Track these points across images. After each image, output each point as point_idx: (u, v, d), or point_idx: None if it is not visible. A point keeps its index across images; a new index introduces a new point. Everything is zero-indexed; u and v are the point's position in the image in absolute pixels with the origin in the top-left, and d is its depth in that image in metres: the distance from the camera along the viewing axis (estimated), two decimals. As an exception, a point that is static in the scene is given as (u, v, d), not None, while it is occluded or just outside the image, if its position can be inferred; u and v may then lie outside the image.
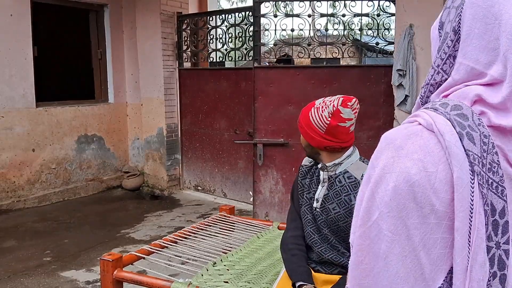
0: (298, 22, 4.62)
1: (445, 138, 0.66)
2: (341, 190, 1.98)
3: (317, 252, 2.05)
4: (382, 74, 4.67)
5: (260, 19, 4.96)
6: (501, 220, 0.66)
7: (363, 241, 0.70)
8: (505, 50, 0.68)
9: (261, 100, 4.92)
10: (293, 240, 2.12)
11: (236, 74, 5.74)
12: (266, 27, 4.98)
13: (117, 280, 2.27)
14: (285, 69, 5.07)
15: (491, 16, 0.70)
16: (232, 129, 5.83)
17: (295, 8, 4.66)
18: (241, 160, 5.83)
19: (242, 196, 5.87)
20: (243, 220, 3.17)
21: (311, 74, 4.86)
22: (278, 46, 5.11)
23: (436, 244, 0.66)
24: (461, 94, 0.72)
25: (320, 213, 2.03)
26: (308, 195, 2.10)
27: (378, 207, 0.68)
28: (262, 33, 4.95)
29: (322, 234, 2.04)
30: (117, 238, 4.68)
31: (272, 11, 4.88)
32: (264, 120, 4.92)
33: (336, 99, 1.98)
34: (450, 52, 0.75)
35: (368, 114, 4.75)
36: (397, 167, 0.67)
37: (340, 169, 2.00)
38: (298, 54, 5.02)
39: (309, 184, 2.12)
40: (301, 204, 2.14)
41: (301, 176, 2.18)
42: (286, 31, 4.94)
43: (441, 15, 0.81)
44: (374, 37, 4.78)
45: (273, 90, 4.89)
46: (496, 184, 0.66)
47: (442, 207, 0.65)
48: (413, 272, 0.66)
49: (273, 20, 4.86)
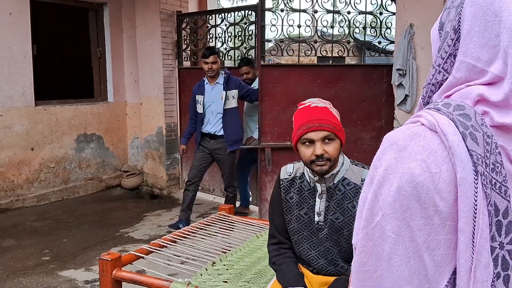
0: (303, 19, 4.62)
1: (448, 138, 0.66)
2: (342, 198, 1.92)
3: (314, 267, 2.02)
4: (383, 73, 4.66)
5: (265, 13, 4.69)
6: (505, 220, 0.65)
7: (366, 243, 0.70)
8: (505, 46, 0.67)
9: (267, 101, 4.66)
10: (276, 253, 2.06)
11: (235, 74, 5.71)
12: (273, 23, 4.80)
13: (116, 279, 2.26)
14: (291, 67, 4.99)
15: (491, 13, 0.69)
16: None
17: (301, 4, 4.63)
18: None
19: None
20: (243, 219, 3.17)
21: (317, 73, 4.74)
22: (285, 43, 4.94)
23: (440, 245, 0.65)
24: (463, 94, 0.72)
25: (323, 226, 1.97)
26: (301, 211, 2.00)
27: (382, 208, 0.67)
28: (268, 29, 4.78)
29: (321, 249, 1.98)
30: (116, 238, 4.68)
31: (277, 7, 4.87)
32: (270, 123, 4.69)
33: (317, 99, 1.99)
34: (451, 51, 0.75)
35: (371, 114, 4.73)
36: (400, 168, 0.67)
37: (338, 178, 1.94)
38: (305, 52, 4.95)
39: (299, 200, 2.00)
40: (289, 221, 2.03)
41: (284, 191, 2.05)
42: (293, 26, 4.79)
43: (441, 16, 0.81)
44: (376, 36, 4.78)
45: (279, 90, 4.67)
46: (499, 184, 0.65)
47: (446, 208, 0.65)
48: (417, 273, 0.66)
49: (280, 15, 4.70)
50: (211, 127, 4.79)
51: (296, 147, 1.95)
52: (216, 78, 4.74)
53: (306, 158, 1.88)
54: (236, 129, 4.83)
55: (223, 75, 4.76)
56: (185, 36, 6.27)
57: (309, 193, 1.99)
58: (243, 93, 4.79)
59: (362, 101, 4.71)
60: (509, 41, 0.67)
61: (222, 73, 4.77)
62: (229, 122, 4.75)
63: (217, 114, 4.75)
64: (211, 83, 4.78)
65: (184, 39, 6.28)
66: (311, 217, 1.98)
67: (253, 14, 5.32)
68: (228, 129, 4.74)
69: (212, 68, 4.64)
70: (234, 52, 5.81)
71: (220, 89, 4.73)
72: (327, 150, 1.85)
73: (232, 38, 5.85)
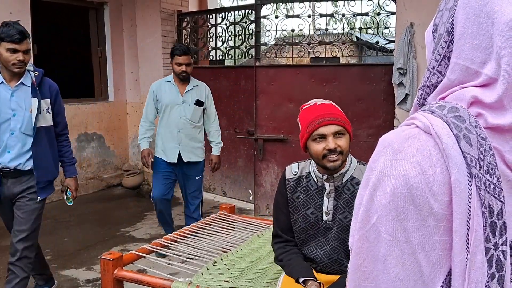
0: (298, 22, 4.78)
1: (442, 140, 0.66)
2: (351, 197, 1.93)
3: (318, 264, 2.03)
4: (382, 72, 4.67)
5: (260, 20, 5.17)
6: (499, 222, 0.66)
7: (362, 244, 0.70)
8: (498, 48, 0.68)
9: (262, 98, 5.16)
10: (282, 250, 2.06)
11: (236, 73, 5.74)
12: (267, 28, 5.10)
13: (118, 279, 2.27)
14: (285, 68, 5.19)
15: (484, 15, 0.70)
16: (232, 127, 5.83)
17: (295, 8, 4.79)
18: (241, 158, 5.84)
19: (241, 194, 5.88)
20: (243, 219, 3.17)
21: (311, 72, 5.00)
22: (279, 45, 5.20)
23: (435, 246, 0.66)
24: (457, 96, 0.72)
25: (332, 226, 1.97)
26: (308, 210, 1.99)
27: (377, 210, 0.68)
28: (263, 34, 5.13)
29: (327, 248, 1.99)
30: (117, 237, 4.69)
31: (273, 12, 5.00)
32: (265, 117, 5.19)
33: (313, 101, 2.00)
34: (445, 53, 0.76)
35: (368, 112, 4.76)
36: (395, 170, 0.67)
37: (346, 177, 1.95)
38: (298, 53, 5.09)
39: (306, 199, 2.00)
40: (296, 220, 2.03)
41: (290, 191, 2.03)
42: (286, 31, 5.06)
43: (435, 18, 0.82)
44: (374, 35, 4.78)
45: (274, 88, 5.11)
46: (493, 185, 0.66)
47: (441, 210, 0.65)
48: (412, 275, 0.66)
49: (274, 22, 5.02)
50: (10, 158, 2.87)
51: (304, 147, 1.95)
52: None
53: (318, 153, 1.87)
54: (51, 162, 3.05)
55: (31, 74, 2.92)
56: (186, 36, 6.28)
57: (316, 193, 1.98)
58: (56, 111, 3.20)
59: (358, 99, 4.79)
60: (502, 43, 0.67)
61: (30, 71, 2.92)
62: (41, 150, 2.97)
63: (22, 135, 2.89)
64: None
65: (185, 38, 6.29)
66: (318, 216, 1.98)
67: (253, 13, 5.35)
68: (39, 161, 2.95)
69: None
70: (234, 51, 5.81)
71: (28, 94, 2.89)
72: (339, 143, 1.85)
73: (233, 37, 5.85)
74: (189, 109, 4.08)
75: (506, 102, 0.67)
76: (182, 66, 3.98)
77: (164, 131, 4.13)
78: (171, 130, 4.08)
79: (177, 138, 4.07)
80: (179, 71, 4.00)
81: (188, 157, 4.13)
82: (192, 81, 4.17)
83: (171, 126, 4.08)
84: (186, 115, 4.07)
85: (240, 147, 5.81)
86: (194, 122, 4.12)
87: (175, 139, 4.08)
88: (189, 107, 4.08)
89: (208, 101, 4.25)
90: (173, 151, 4.09)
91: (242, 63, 6.77)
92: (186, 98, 4.08)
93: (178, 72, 4.01)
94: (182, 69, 3.98)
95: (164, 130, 4.13)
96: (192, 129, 4.12)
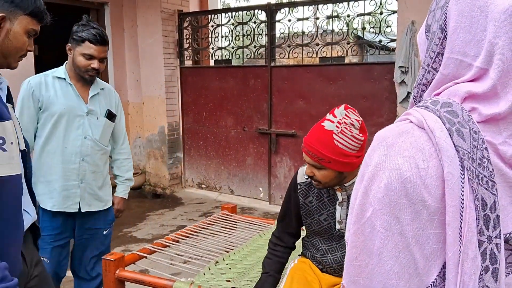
0: (307, 25, 4.99)
1: (435, 134, 0.67)
2: None
3: (324, 266, 2.03)
4: (384, 71, 4.69)
5: (275, 24, 5.55)
6: (492, 215, 0.67)
7: (357, 238, 0.71)
8: (491, 38, 0.69)
9: (277, 96, 5.57)
10: (270, 250, 2.08)
11: (244, 72, 5.80)
12: (281, 31, 5.46)
13: (119, 279, 2.28)
14: (297, 67, 5.53)
15: (476, 9, 0.71)
16: (240, 126, 5.87)
17: (304, 12, 5.00)
18: (250, 156, 5.87)
19: (251, 192, 5.92)
20: (245, 218, 3.17)
21: (319, 72, 5.24)
22: (292, 47, 5.43)
23: (429, 239, 0.67)
24: (451, 92, 0.73)
25: (344, 233, 1.95)
26: (321, 217, 1.97)
27: (372, 204, 0.69)
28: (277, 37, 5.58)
29: (338, 254, 1.99)
30: (119, 237, 4.70)
31: (285, 16, 5.38)
32: (280, 114, 5.58)
33: (347, 113, 1.77)
34: (439, 50, 0.76)
35: (372, 110, 4.79)
36: (389, 165, 0.68)
37: None
38: (308, 53, 5.31)
39: (319, 205, 1.97)
40: (309, 224, 2.01)
41: (302, 195, 1.99)
42: (297, 33, 5.36)
43: (427, 19, 0.83)
44: (376, 33, 4.79)
45: (287, 86, 5.48)
46: (486, 179, 0.67)
47: (434, 203, 0.66)
48: (407, 267, 0.67)
49: (287, 25, 5.36)
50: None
51: None
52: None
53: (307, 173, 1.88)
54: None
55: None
56: (187, 35, 6.29)
57: (329, 200, 1.95)
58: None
59: (362, 97, 4.88)
60: (496, 32, 0.68)
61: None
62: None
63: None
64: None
65: (186, 38, 6.30)
66: (331, 223, 1.96)
67: (263, 13, 5.51)
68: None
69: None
70: (242, 51, 5.83)
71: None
72: (315, 173, 1.80)
73: (240, 37, 5.87)
74: (98, 125, 2.57)
75: (499, 89, 0.68)
76: (94, 61, 2.49)
77: (54, 159, 2.48)
78: (68, 159, 2.48)
79: (78, 172, 2.51)
80: (87, 67, 2.50)
81: (89, 204, 2.58)
82: (97, 82, 2.65)
83: (68, 152, 2.48)
84: (93, 134, 2.54)
85: (249, 146, 5.85)
86: (104, 146, 2.62)
87: (74, 173, 2.51)
88: (97, 122, 2.56)
89: (118, 113, 2.72)
90: (71, 195, 2.51)
91: (246, 63, 6.82)
92: (93, 107, 2.55)
93: (85, 68, 2.50)
94: (93, 65, 2.48)
95: (52, 158, 2.48)
96: (100, 157, 2.61)
